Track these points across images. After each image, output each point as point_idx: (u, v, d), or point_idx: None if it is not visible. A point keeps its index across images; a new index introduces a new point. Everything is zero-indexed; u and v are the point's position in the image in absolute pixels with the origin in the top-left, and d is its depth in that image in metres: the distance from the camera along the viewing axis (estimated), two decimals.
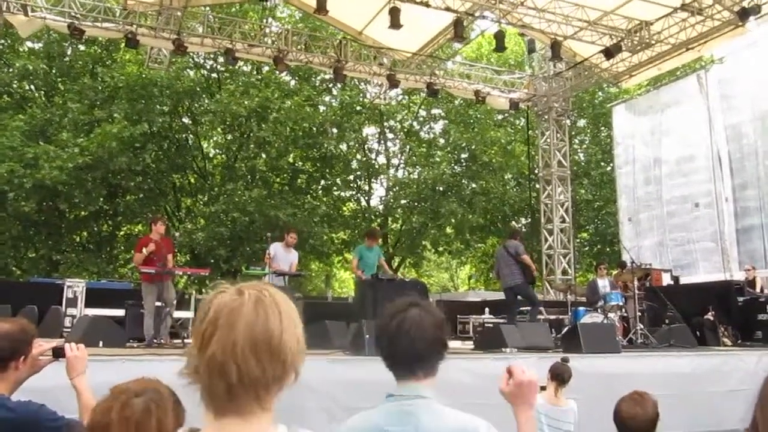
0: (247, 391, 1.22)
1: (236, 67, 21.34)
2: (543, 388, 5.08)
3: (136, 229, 24.29)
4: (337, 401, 6.12)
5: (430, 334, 2.00)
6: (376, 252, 11.15)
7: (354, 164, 27.19)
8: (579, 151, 28.60)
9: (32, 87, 23.23)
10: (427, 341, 1.99)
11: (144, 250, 9.13)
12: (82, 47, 22.20)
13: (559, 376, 5.01)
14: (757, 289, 13.09)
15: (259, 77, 23.84)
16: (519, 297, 11.00)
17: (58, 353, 2.78)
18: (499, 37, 15.86)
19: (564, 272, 19.13)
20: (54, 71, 22.63)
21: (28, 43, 21.97)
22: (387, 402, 2.00)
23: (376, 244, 11.32)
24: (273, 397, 1.27)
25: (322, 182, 26.29)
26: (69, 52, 22.79)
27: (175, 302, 9.74)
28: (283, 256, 10.30)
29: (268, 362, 1.22)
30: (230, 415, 1.23)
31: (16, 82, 22.35)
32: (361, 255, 11.08)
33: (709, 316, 11.47)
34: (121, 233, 24.68)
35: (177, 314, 10.82)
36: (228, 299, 1.25)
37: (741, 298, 12.25)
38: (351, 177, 27.19)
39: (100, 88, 21.51)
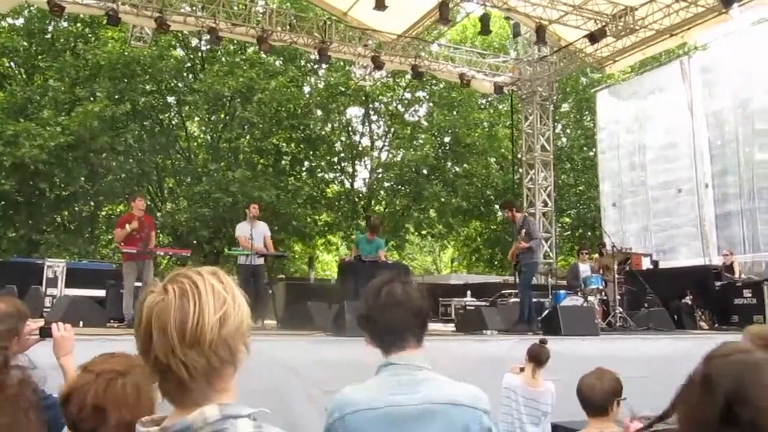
0: (198, 383, 1.22)
1: (220, 46, 21.14)
2: (521, 370, 5.15)
3: (118, 210, 24.09)
4: (318, 381, 6.16)
5: (417, 303, 2.04)
6: (375, 245, 11.10)
7: (338, 146, 27.11)
8: (562, 135, 28.69)
9: (12, 64, 22.88)
10: (416, 310, 2.03)
11: (127, 226, 9.03)
12: (64, 24, 21.88)
13: (537, 357, 5.06)
14: (736, 274, 13.26)
15: (244, 57, 23.64)
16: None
17: (45, 333, 2.79)
18: (485, 20, 15.86)
19: (545, 256, 19.25)
20: (35, 48, 22.29)
21: (8, 20, 21.59)
22: (386, 371, 2.01)
23: (376, 236, 11.30)
24: (229, 379, 1.27)
25: (306, 164, 26.19)
26: (50, 29, 22.45)
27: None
28: (253, 232, 10.08)
29: (210, 351, 1.22)
30: (189, 405, 1.24)
31: None
32: (359, 244, 11.14)
33: (687, 300, 11.64)
34: (103, 214, 24.47)
35: None
36: (155, 300, 1.24)
37: (718, 283, 12.45)
38: (335, 159, 27.13)
39: (81, 66, 21.23)
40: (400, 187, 26.58)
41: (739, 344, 1.82)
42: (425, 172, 25.80)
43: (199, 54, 24.32)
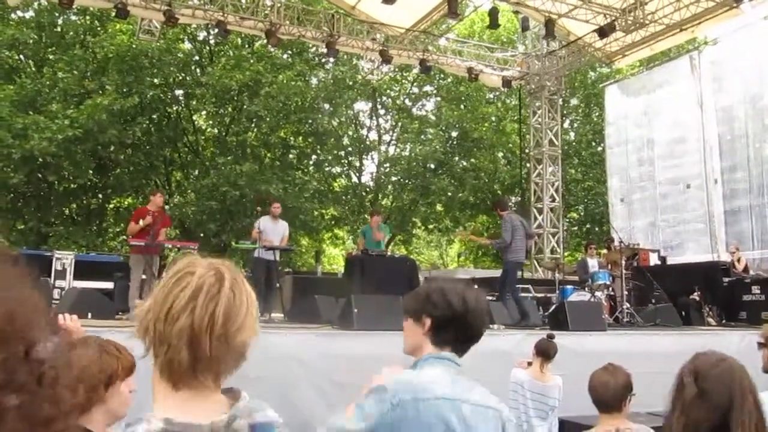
0: (210, 367, 1.22)
1: (228, 39, 21.15)
2: (529, 364, 5.15)
3: (126, 203, 24.19)
4: (325, 374, 6.17)
5: (488, 311, 2.13)
6: (381, 230, 11.30)
7: (345, 140, 27.10)
8: (570, 130, 28.59)
9: (22, 57, 22.94)
10: (487, 318, 2.12)
11: (141, 221, 9.13)
12: (73, 17, 21.91)
13: (544, 352, 5.06)
14: (740, 269, 13.16)
15: (252, 51, 23.63)
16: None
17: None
18: (493, 13, 15.79)
19: (553, 251, 19.24)
20: (44, 41, 22.34)
21: (18, 12, 21.64)
22: (442, 364, 2.03)
23: (379, 222, 11.46)
24: (225, 378, 1.28)
25: (314, 158, 26.20)
26: (60, 22, 22.48)
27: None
28: (272, 228, 10.32)
29: (233, 344, 1.23)
30: (187, 389, 1.24)
31: (5, 51, 22.05)
32: (365, 233, 11.31)
33: (695, 296, 11.59)
34: (111, 206, 24.58)
35: None
36: (207, 272, 1.25)
37: (726, 279, 12.38)
38: (342, 153, 27.12)
39: (90, 59, 21.27)
40: (407, 181, 26.56)
41: (715, 354, 2.03)
42: (432, 166, 25.77)
43: (207, 47, 24.33)
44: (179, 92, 23.87)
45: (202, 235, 21.17)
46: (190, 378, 1.23)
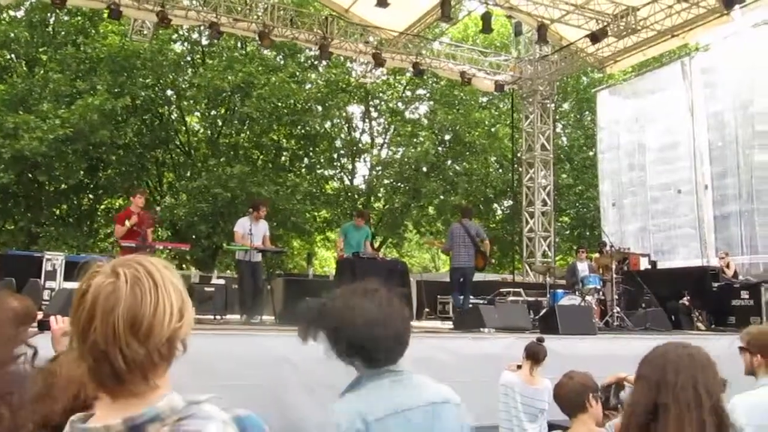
0: (134, 373, 1.19)
1: (220, 41, 21.12)
2: (519, 367, 5.17)
3: (117, 204, 24.10)
4: (317, 377, 6.17)
5: (407, 317, 1.99)
6: (363, 232, 11.23)
7: (338, 143, 27.09)
8: (562, 135, 28.68)
9: (13, 56, 22.84)
10: (406, 324, 1.97)
11: (126, 222, 9.03)
12: (65, 17, 21.83)
13: (534, 355, 5.08)
14: (729, 274, 13.23)
15: (244, 52, 23.61)
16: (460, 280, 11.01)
17: (42, 326, 2.80)
18: (486, 18, 15.85)
19: (544, 255, 19.29)
20: (36, 40, 22.24)
21: (10, 11, 21.54)
22: (383, 378, 1.92)
23: (364, 224, 11.40)
24: (163, 374, 1.24)
25: (306, 160, 26.17)
26: (52, 21, 22.39)
27: None
28: (254, 229, 10.10)
29: (151, 344, 1.19)
30: (122, 397, 1.21)
31: None
32: (346, 233, 11.18)
33: (685, 300, 11.65)
34: (102, 207, 24.49)
35: None
36: (103, 282, 1.20)
37: (716, 284, 12.45)
38: (334, 155, 27.11)
39: (82, 59, 21.19)
40: (399, 184, 26.56)
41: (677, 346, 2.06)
42: (425, 169, 25.80)
43: (200, 48, 24.28)
44: (171, 93, 23.81)
45: (193, 236, 21.12)
46: (118, 386, 1.20)
